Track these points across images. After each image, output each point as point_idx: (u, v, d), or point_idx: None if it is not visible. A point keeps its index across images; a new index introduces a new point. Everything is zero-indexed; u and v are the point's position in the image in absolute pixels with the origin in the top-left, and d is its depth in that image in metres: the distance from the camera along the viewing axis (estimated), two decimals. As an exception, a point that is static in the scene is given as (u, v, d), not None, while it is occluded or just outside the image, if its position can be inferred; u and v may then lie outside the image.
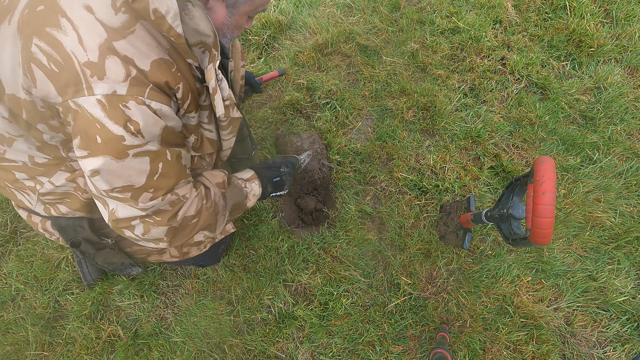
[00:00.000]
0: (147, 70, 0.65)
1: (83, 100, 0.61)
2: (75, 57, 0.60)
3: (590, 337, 1.29)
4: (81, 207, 0.89)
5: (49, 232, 1.03)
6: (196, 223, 0.87)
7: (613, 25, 1.89)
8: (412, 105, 1.68)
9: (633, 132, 1.66)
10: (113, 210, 0.74)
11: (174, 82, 0.70)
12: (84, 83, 0.60)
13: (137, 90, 0.63)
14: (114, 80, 0.61)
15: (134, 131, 0.65)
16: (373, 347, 1.28)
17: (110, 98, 0.61)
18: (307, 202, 1.55)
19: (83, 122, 0.62)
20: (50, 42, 0.59)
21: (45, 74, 0.60)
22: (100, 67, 0.60)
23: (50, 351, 1.34)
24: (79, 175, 0.82)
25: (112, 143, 0.64)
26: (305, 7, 2.01)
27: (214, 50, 0.75)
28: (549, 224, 0.77)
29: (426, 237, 1.42)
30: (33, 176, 0.82)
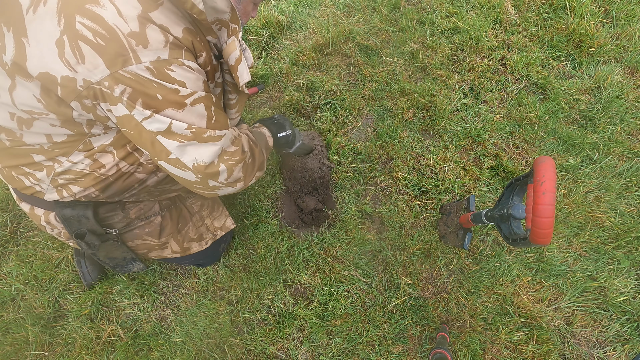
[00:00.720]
0: (180, 36, 0.71)
1: (133, 68, 0.66)
2: (119, 29, 0.64)
3: (590, 337, 1.29)
4: (95, 184, 0.89)
5: (52, 224, 1.02)
6: (253, 160, 0.97)
7: (613, 25, 1.89)
8: (412, 105, 1.68)
9: (633, 132, 1.66)
10: (194, 163, 0.81)
11: (198, 49, 0.77)
12: (131, 53, 0.65)
13: (176, 54, 0.70)
14: (156, 47, 0.67)
15: (182, 86, 0.73)
16: (373, 347, 1.28)
17: (156, 64, 0.68)
18: (307, 202, 1.55)
19: (140, 85, 0.68)
20: (92, 18, 0.63)
21: (93, 49, 0.64)
22: (143, 36, 0.65)
23: (50, 351, 1.34)
24: (97, 151, 0.85)
25: (171, 96, 0.71)
26: (305, 7, 2.01)
27: (233, 24, 0.82)
28: (549, 224, 0.77)
29: (426, 237, 1.42)
30: (52, 157, 0.84)
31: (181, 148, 0.78)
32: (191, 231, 1.22)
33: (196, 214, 1.24)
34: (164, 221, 1.15)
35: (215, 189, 0.89)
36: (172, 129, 0.75)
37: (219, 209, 1.30)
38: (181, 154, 0.79)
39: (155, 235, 1.14)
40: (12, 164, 0.87)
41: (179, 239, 1.20)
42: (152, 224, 1.13)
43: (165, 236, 1.16)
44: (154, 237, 1.14)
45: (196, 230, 1.23)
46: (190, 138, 0.77)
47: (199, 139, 0.78)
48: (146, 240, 1.14)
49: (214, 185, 0.87)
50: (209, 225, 1.26)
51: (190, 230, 1.22)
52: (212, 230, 1.27)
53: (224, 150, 0.85)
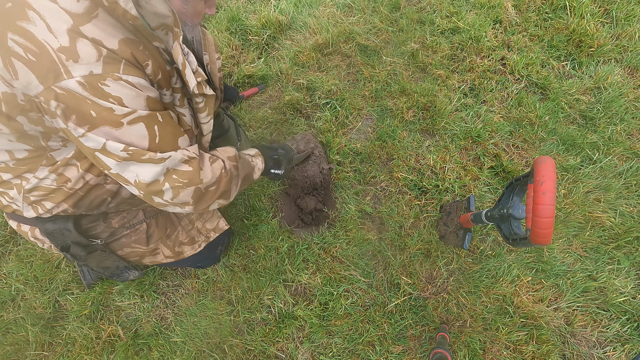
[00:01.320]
0: (116, 48, 0.69)
1: (64, 83, 0.65)
2: (49, 44, 0.63)
3: (590, 337, 1.29)
4: (65, 199, 0.89)
5: (40, 239, 1.03)
6: (216, 189, 0.92)
7: (613, 25, 1.89)
8: (412, 105, 1.68)
9: (633, 132, 1.66)
10: (136, 180, 0.78)
11: (142, 59, 0.73)
12: (62, 67, 0.64)
13: (112, 68, 0.68)
14: (88, 62, 0.65)
15: (119, 104, 0.69)
16: (373, 347, 1.28)
17: (88, 79, 0.66)
18: (307, 202, 1.55)
19: (73, 101, 0.66)
20: (22, 34, 0.63)
21: (25, 65, 0.64)
22: (73, 51, 0.64)
23: (50, 351, 1.34)
24: (60, 165, 0.84)
25: (106, 114, 0.68)
26: (305, 7, 2.01)
27: (175, 28, 0.79)
28: (549, 224, 0.77)
29: (426, 237, 1.42)
30: (19, 174, 0.84)
31: (120, 166, 0.75)
32: (181, 235, 1.21)
33: (184, 217, 1.22)
34: (150, 228, 1.14)
35: (161, 205, 0.86)
36: (107, 148, 0.72)
37: (210, 211, 1.28)
38: (121, 171, 0.76)
39: (143, 243, 1.13)
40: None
41: (169, 244, 1.19)
42: (138, 232, 1.12)
43: (154, 242, 1.15)
44: (142, 244, 1.13)
45: (187, 234, 1.22)
46: (128, 159, 0.74)
47: (137, 159, 0.75)
48: (135, 248, 1.13)
49: (159, 202, 0.84)
50: (200, 228, 1.25)
51: (180, 234, 1.21)
52: (204, 233, 1.26)
53: (171, 169, 0.81)
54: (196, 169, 0.85)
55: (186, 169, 0.83)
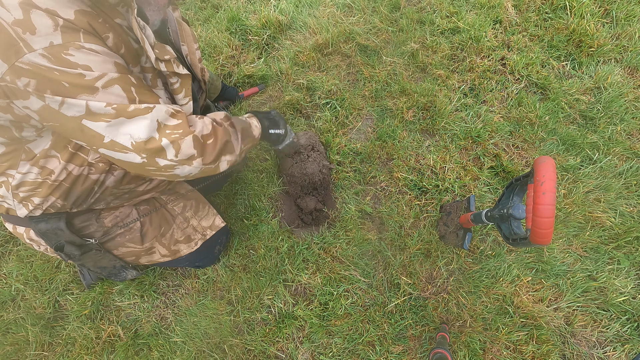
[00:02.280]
0: (72, 18, 0.66)
1: (27, 58, 0.62)
2: (3, 19, 0.61)
3: (590, 337, 1.29)
4: (52, 192, 0.88)
5: (35, 241, 1.02)
6: (215, 141, 0.88)
7: (613, 25, 1.89)
8: (412, 105, 1.68)
9: (633, 132, 1.66)
10: (132, 142, 0.74)
11: (101, 30, 0.71)
12: (21, 42, 0.62)
13: (72, 37, 0.65)
14: (45, 32, 0.63)
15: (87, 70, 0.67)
16: (373, 347, 1.28)
17: (50, 50, 0.63)
18: (307, 202, 1.55)
19: (41, 74, 0.64)
20: None
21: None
22: (28, 23, 0.62)
23: (50, 351, 1.34)
24: (40, 158, 0.82)
25: (78, 81, 0.66)
26: (305, 7, 2.01)
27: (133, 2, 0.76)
28: (549, 224, 0.77)
29: (426, 237, 1.42)
30: (2, 172, 0.84)
31: (111, 128, 0.72)
32: (177, 233, 1.20)
33: (179, 215, 1.21)
34: (144, 227, 1.13)
35: (169, 168, 0.81)
36: (91, 109, 0.69)
37: (205, 208, 1.26)
38: (114, 135, 0.73)
39: (137, 242, 1.13)
40: None
41: (164, 242, 1.18)
42: (132, 230, 1.11)
43: (149, 241, 1.15)
44: (137, 243, 1.13)
45: (182, 232, 1.21)
46: (115, 115, 0.71)
47: (124, 114, 0.72)
48: (130, 247, 1.13)
49: (165, 164, 0.80)
50: (196, 226, 1.24)
51: (175, 232, 1.20)
52: (200, 231, 1.25)
53: (162, 123, 0.77)
54: (184, 121, 0.82)
55: (175, 122, 0.80)
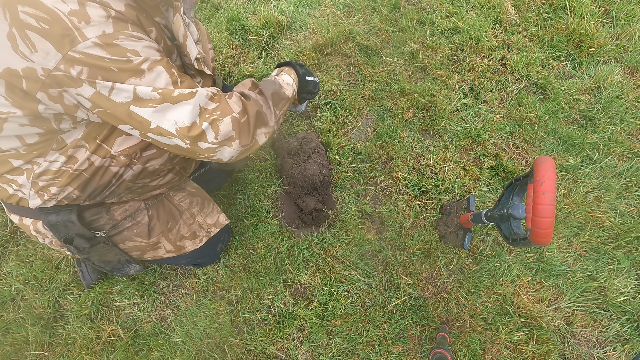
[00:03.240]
0: (123, 10, 0.72)
1: (81, 46, 0.66)
2: (59, 10, 0.64)
3: (590, 337, 1.29)
4: (71, 181, 0.90)
5: (42, 233, 1.02)
6: (248, 118, 0.90)
7: (613, 25, 1.89)
8: (412, 105, 1.68)
9: (633, 132, 1.66)
10: (177, 128, 0.78)
11: (146, 24, 0.77)
12: (75, 31, 0.65)
13: (121, 26, 0.70)
14: (99, 22, 0.67)
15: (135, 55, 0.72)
16: (373, 347, 1.28)
17: (102, 38, 0.68)
18: (307, 202, 1.55)
19: (93, 62, 0.68)
20: (32, 4, 0.64)
21: (40, 34, 0.64)
22: (84, 13, 0.66)
23: (50, 351, 1.34)
24: (70, 147, 0.85)
25: (125, 66, 0.71)
26: (305, 7, 2.01)
27: (176, 1, 0.82)
28: (549, 224, 0.77)
29: (426, 237, 1.42)
30: (30, 160, 0.85)
31: (157, 114, 0.76)
32: (183, 229, 1.21)
33: (186, 211, 1.22)
34: (152, 221, 1.14)
35: (211, 151, 0.85)
36: (139, 95, 0.74)
37: (210, 205, 1.28)
38: (160, 120, 0.77)
39: (144, 236, 1.14)
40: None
41: (170, 237, 1.19)
42: (140, 224, 1.12)
43: (156, 236, 1.16)
44: (144, 237, 1.14)
45: (188, 227, 1.22)
46: (161, 100, 0.76)
47: (170, 99, 0.76)
48: (136, 242, 1.14)
49: (207, 147, 0.84)
50: (202, 223, 1.25)
51: (182, 228, 1.21)
52: (205, 228, 1.26)
53: (203, 107, 0.82)
54: (223, 102, 0.86)
55: (214, 105, 0.84)
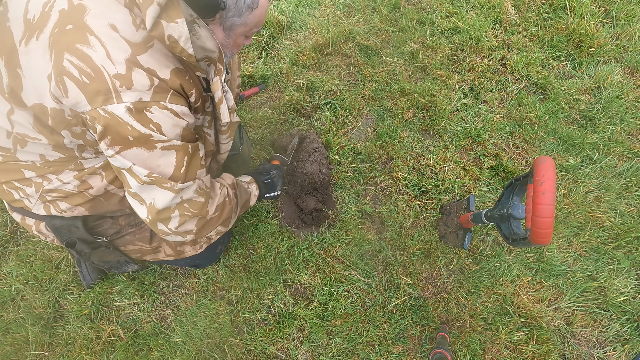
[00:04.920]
0: (167, 78, 0.73)
1: (112, 107, 0.68)
2: (105, 70, 0.67)
3: (590, 337, 1.29)
4: (83, 203, 0.91)
5: (43, 233, 1.03)
6: (219, 216, 0.97)
7: (613, 25, 1.89)
8: (412, 105, 1.68)
9: (633, 132, 1.66)
10: (151, 203, 0.82)
11: (188, 88, 0.79)
12: (114, 92, 0.68)
13: (160, 97, 0.72)
14: (140, 89, 0.69)
15: (157, 131, 0.74)
16: (373, 347, 1.28)
17: (136, 105, 0.70)
18: (307, 202, 1.55)
19: (114, 125, 0.70)
20: (81, 57, 0.66)
21: (77, 85, 0.67)
22: (128, 79, 0.68)
23: (50, 351, 1.34)
24: (87, 173, 0.86)
25: (143, 138, 0.73)
26: (305, 7, 2.01)
27: (219, 64, 0.85)
28: (549, 224, 0.77)
29: (426, 237, 1.42)
30: (42, 174, 0.86)
31: (141, 187, 0.80)
32: None
33: None
34: None
35: (163, 233, 0.90)
36: (133, 170, 0.77)
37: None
38: (141, 192, 0.81)
39: (146, 241, 1.14)
40: (2, 179, 0.89)
41: (171, 242, 1.19)
42: (143, 230, 1.13)
43: (157, 241, 1.16)
44: (145, 242, 1.14)
45: None
46: (149, 182, 0.79)
47: (158, 184, 0.80)
48: (138, 246, 1.14)
49: (162, 229, 0.88)
50: None
51: None
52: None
53: (185, 200, 0.86)
54: (206, 201, 0.91)
55: (198, 200, 0.88)
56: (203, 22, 0.75)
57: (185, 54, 0.73)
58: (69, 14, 0.67)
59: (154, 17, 0.66)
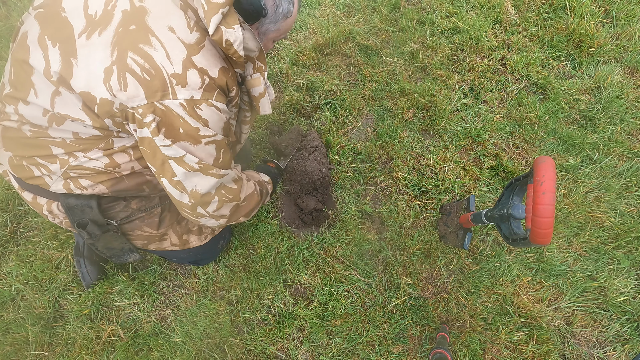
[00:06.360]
0: (216, 77, 0.81)
1: (169, 102, 0.76)
2: (164, 69, 0.74)
3: (590, 337, 1.29)
4: (106, 180, 0.94)
5: (54, 213, 1.03)
6: (247, 205, 1.07)
7: (613, 25, 1.89)
8: (412, 105, 1.69)
9: (633, 132, 1.66)
10: (193, 189, 0.89)
11: (230, 85, 0.87)
12: (170, 89, 0.75)
13: (208, 95, 0.80)
14: (192, 88, 0.77)
15: (205, 125, 0.82)
16: (373, 347, 1.28)
17: (189, 102, 0.78)
18: (307, 202, 1.55)
19: (169, 117, 0.78)
20: (143, 56, 0.74)
21: (138, 81, 0.74)
22: (183, 78, 0.76)
23: (50, 351, 1.34)
24: (116, 151, 0.89)
25: (191, 132, 0.81)
26: (305, 7, 2.01)
27: (260, 62, 0.93)
28: (549, 224, 0.77)
29: (426, 237, 1.42)
30: (70, 152, 0.88)
31: (187, 175, 0.86)
32: (191, 223, 1.23)
33: None
34: (164, 212, 1.16)
35: (200, 216, 0.97)
36: (184, 159, 0.84)
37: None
38: (184, 179, 0.87)
39: (154, 226, 1.15)
40: (25, 154, 0.90)
41: (178, 230, 1.20)
42: (152, 215, 1.14)
43: (165, 227, 1.17)
44: (153, 228, 1.15)
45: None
46: (197, 170, 0.86)
47: (204, 172, 0.88)
48: (145, 231, 1.15)
49: (200, 212, 0.95)
50: None
51: (190, 222, 1.22)
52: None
53: (224, 185, 0.95)
54: (239, 188, 1.02)
55: (233, 186, 0.99)
56: (247, 26, 0.83)
57: (236, 55, 0.81)
58: (132, 15, 0.75)
59: (216, 24, 0.74)
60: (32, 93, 0.80)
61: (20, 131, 0.87)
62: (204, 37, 0.79)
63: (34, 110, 0.82)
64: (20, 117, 0.85)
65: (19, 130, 0.87)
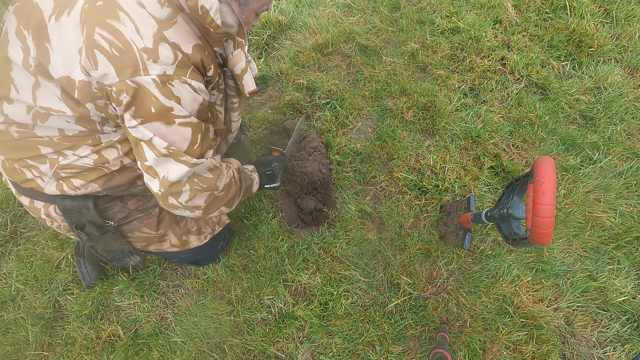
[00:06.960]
0: (190, 53, 0.78)
1: (140, 79, 0.72)
2: (134, 44, 0.71)
3: (590, 337, 1.29)
4: (97, 178, 0.93)
5: (51, 217, 1.03)
6: (225, 195, 1.01)
7: (613, 25, 1.89)
8: (412, 105, 1.69)
9: (633, 132, 1.66)
10: (164, 176, 0.85)
11: (207, 63, 0.83)
12: (141, 65, 0.72)
13: (181, 72, 0.77)
14: (165, 63, 0.74)
15: (178, 104, 0.78)
16: (373, 347, 1.28)
17: (161, 77, 0.74)
18: (307, 202, 1.55)
19: (140, 96, 0.74)
20: (111, 31, 0.70)
21: (107, 58, 0.71)
22: (154, 52, 0.73)
23: (50, 351, 1.34)
24: (104, 147, 0.88)
25: (163, 112, 0.77)
26: (305, 7, 2.01)
27: (239, 37, 0.90)
28: (549, 224, 0.77)
29: (426, 237, 1.42)
30: (59, 150, 0.87)
31: (157, 160, 0.82)
32: (190, 223, 1.23)
33: None
34: (162, 212, 1.16)
35: (172, 207, 0.92)
36: (152, 141, 0.80)
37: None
38: (156, 165, 0.83)
39: (153, 227, 1.15)
40: (16, 157, 0.89)
41: (177, 231, 1.20)
42: (150, 216, 1.13)
43: (164, 228, 1.17)
44: (152, 229, 1.15)
45: (195, 222, 1.24)
46: (167, 155, 0.82)
47: (175, 158, 0.83)
48: (144, 233, 1.15)
49: (172, 203, 0.91)
50: (207, 220, 1.27)
51: (189, 222, 1.22)
52: (210, 225, 1.27)
53: (197, 174, 0.89)
54: (216, 177, 0.95)
55: (208, 176, 0.93)
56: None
57: (213, 25, 0.78)
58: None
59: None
60: (13, 89, 0.79)
61: (8, 133, 0.86)
62: (175, 13, 0.76)
63: (17, 109, 0.81)
64: (6, 118, 0.83)
65: (6, 132, 0.86)
